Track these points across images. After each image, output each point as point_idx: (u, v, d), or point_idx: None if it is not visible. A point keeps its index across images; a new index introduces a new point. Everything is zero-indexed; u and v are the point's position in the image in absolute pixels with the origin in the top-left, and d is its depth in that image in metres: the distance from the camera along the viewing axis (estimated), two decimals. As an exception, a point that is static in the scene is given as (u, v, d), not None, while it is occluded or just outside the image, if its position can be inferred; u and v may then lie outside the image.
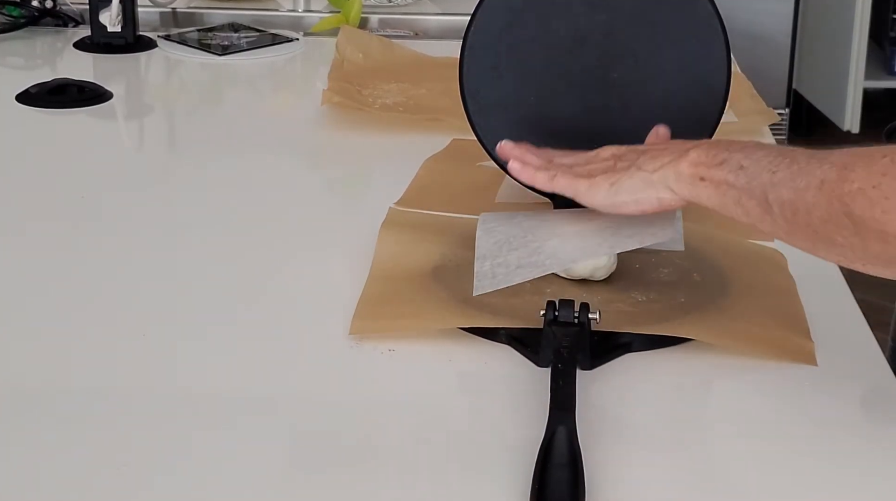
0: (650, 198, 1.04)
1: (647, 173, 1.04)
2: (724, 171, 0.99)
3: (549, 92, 1.28)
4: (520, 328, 1.07)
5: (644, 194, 1.04)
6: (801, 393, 1.03)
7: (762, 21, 3.98)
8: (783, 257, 1.22)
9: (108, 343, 1.11)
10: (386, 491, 0.90)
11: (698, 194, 1.01)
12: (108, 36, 2.00)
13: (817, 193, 0.92)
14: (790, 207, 0.94)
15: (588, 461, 0.90)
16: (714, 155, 1.01)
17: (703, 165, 1.01)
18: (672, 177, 1.02)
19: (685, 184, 1.02)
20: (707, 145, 1.02)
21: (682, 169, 1.02)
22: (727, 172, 0.99)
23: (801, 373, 1.05)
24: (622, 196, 1.05)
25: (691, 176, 1.01)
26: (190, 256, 1.28)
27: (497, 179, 1.44)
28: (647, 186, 1.04)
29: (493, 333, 1.08)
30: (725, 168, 0.99)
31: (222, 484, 0.91)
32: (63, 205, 1.42)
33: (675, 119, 1.18)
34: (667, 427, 1.00)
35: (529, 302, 1.10)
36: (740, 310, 1.12)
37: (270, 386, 1.04)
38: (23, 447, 0.95)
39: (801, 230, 0.95)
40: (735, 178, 0.98)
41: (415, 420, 0.99)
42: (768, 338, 1.08)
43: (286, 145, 1.62)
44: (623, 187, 1.05)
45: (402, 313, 1.12)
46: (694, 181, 1.01)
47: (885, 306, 1.63)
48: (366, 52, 1.92)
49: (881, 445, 0.97)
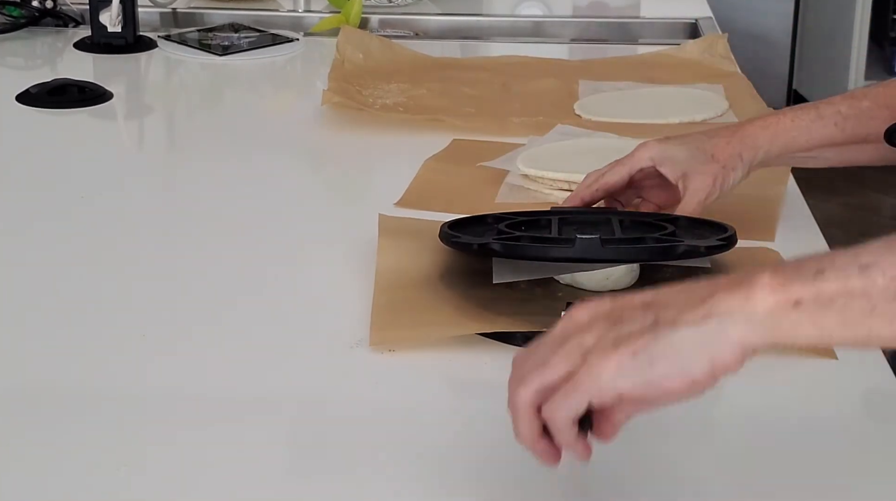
0: (701, 364, 0.74)
1: (692, 327, 0.74)
2: (832, 282, 0.72)
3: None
4: (536, 330, 1.07)
5: (694, 358, 0.74)
6: (801, 393, 1.03)
7: (762, 21, 3.98)
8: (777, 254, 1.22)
9: (108, 343, 1.11)
10: (387, 493, 0.90)
11: (794, 325, 0.73)
12: (108, 36, 2.00)
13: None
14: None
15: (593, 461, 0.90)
16: (795, 269, 0.74)
17: (793, 283, 0.73)
18: (742, 321, 0.73)
19: (770, 321, 0.73)
20: (771, 269, 0.74)
21: (758, 300, 0.73)
22: (837, 281, 0.72)
23: (802, 373, 1.05)
24: (658, 368, 0.75)
25: (778, 305, 0.73)
26: (190, 256, 1.28)
27: (497, 179, 1.44)
28: (697, 346, 0.74)
29: (510, 336, 1.08)
30: (831, 277, 0.73)
31: (222, 486, 0.91)
32: (63, 205, 1.42)
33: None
34: (666, 426, 1.00)
35: (545, 308, 1.09)
36: None
37: (270, 387, 1.04)
38: (22, 447, 0.95)
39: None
40: (860, 280, 0.72)
41: (415, 421, 0.99)
42: None
43: (286, 145, 1.62)
44: (656, 356, 0.75)
45: (420, 322, 1.11)
46: (785, 311, 0.73)
47: (886, 306, 1.63)
48: (366, 52, 1.92)
49: (881, 445, 0.97)
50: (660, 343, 0.74)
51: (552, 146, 1.50)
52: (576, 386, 0.76)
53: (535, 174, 1.41)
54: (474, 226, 1.20)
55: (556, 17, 2.33)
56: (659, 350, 0.74)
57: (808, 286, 0.72)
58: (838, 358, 1.05)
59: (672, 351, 0.74)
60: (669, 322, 0.74)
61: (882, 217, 3.85)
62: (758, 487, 0.91)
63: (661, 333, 0.74)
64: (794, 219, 1.33)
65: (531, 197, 1.39)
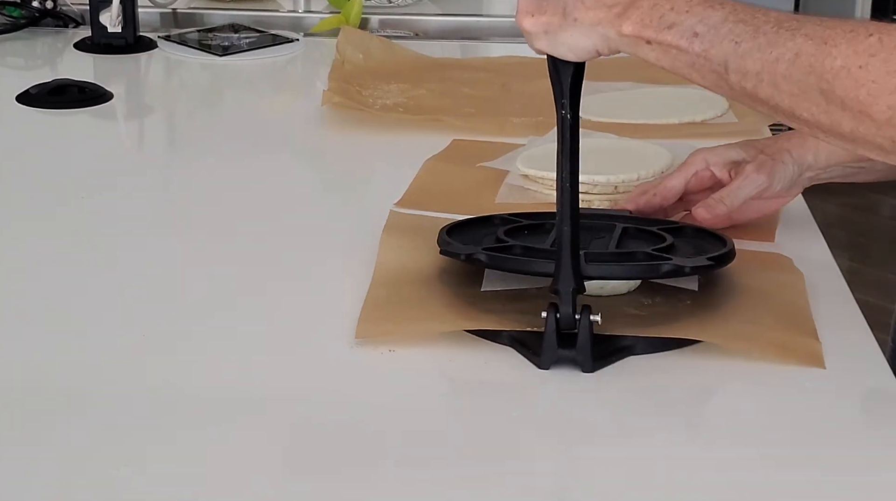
0: (588, 50, 1.03)
1: (585, 27, 1.01)
2: (675, 36, 0.97)
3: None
4: (522, 330, 1.07)
5: (581, 47, 1.02)
6: (801, 393, 1.03)
7: (762, 21, 3.97)
8: (789, 260, 1.22)
9: (108, 343, 1.11)
10: (385, 493, 0.90)
11: (644, 55, 1.00)
12: (108, 36, 2.00)
13: (790, 66, 0.92)
14: (753, 77, 0.94)
15: (588, 460, 0.90)
16: (661, 16, 0.98)
17: (650, 28, 0.99)
18: (613, 36, 1.01)
19: (627, 44, 1.00)
20: (649, 6, 0.99)
21: (624, 29, 1.00)
22: (679, 37, 0.97)
23: (802, 374, 1.05)
24: (559, 49, 1.03)
25: (635, 37, 0.99)
26: (190, 256, 1.28)
27: (497, 179, 1.44)
28: (584, 38, 1.02)
29: (496, 335, 1.08)
30: (676, 33, 0.97)
31: (221, 485, 0.91)
32: (63, 205, 1.42)
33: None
34: (667, 429, 1.00)
35: (534, 306, 1.10)
36: (746, 313, 1.11)
37: (270, 386, 1.04)
38: (21, 446, 0.95)
39: (760, 101, 0.95)
40: (689, 45, 0.97)
41: (414, 421, 0.99)
42: (775, 340, 1.07)
43: (286, 145, 1.62)
44: (559, 40, 1.03)
45: (406, 317, 1.11)
46: (638, 43, 0.99)
47: (885, 306, 1.63)
48: (366, 52, 1.92)
49: (882, 446, 0.97)
50: (561, 34, 1.02)
51: (552, 146, 1.49)
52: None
53: (535, 174, 1.41)
54: (478, 229, 1.20)
55: (556, 17, 2.32)
56: (562, 38, 1.03)
57: (659, 33, 0.98)
58: (833, 365, 1.05)
59: (568, 41, 1.03)
60: (573, 17, 1.02)
61: (882, 217, 3.85)
62: (757, 488, 0.91)
63: (565, 24, 1.02)
64: (793, 219, 1.33)
65: (531, 197, 1.39)
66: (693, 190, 1.28)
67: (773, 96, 0.94)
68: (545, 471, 0.93)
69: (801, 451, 0.96)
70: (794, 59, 0.92)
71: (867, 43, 0.89)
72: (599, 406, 1.01)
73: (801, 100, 0.92)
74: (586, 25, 1.01)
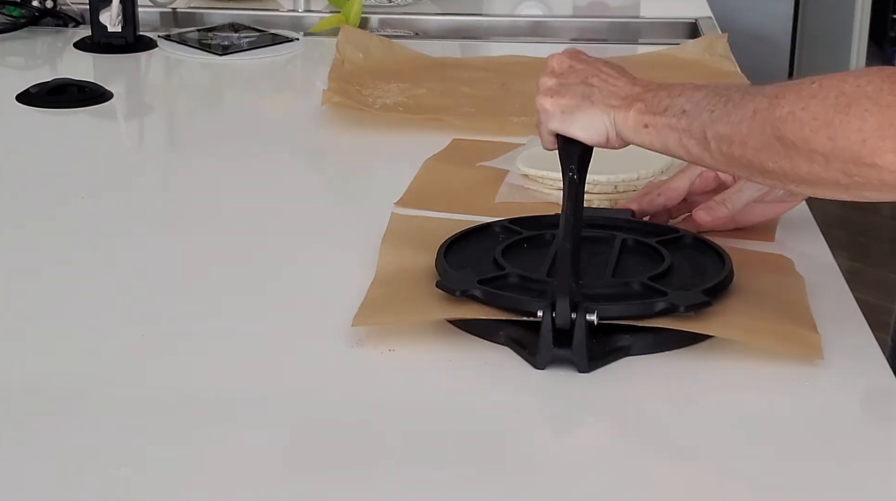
0: (599, 131, 1.13)
1: (599, 110, 1.13)
2: (668, 117, 1.08)
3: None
4: (519, 329, 1.07)
5: (594, 128, 1.13)
6: (801, 393, 1.03)
7: (762, 21, 3.98)
8: (791, 262, 1.22)
9: (108, 343, 1.11)
10: (385, 493, 0.90)
11: (642, 140, 1.11)
12: (108, 36, 2.00)
13: (751, 123, 1.01)
14: (726, 141, 1.03)
15: (588, 460, 0.90)
16: (658, 102, 1.09)
17: (649, 113, 1.10)
18: (620, 121, 1.12)
19: (630, 131, 1.11)
20: (654, 92, 1.11)
21: (630, 116, 1.11)
22: (670, 117, 1.08)
23: (802, 374, 1.05)
24: (572, 128, 1.13)
25: (636, 123, 1.10)
26: (190, 256, 1.28)
27: (497, 179, 1.44)
28: (597, 120, 1.13)
29: (493, 334, 1.08)
30: (669, 114, 1.08)
31: (222, 485, 0.91)
32: (63, 204, 1.42)
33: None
34: (666, 428, 1.00)
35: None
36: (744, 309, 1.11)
37: (270, 385, 1.04)
38: (21, 446, 0.95)
39: (736, 161, 1.04)
40: (677, 121, 1.07)
41: (414, 420, 0.99)
42: (773, 331, 1.07)
43: (286, 145, 1.62)
44: (574, 119, 1.14)
45: (403, 309, 1.12)
46: (638, 129, 1.10)
47: (885, 306, 1.63)
48: (366, 52, 1.92)
49: (881, 445, 0.97)
50: (578, 114, 1.13)
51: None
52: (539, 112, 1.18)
53: (535, 174, 1.41)
54: (477, 242, 1.20)
55: (556, 16, 2.33)
56: (578, 118, 1.13)
57: (655, 116, 1.09)
58: (832, 365, 1.05)
59: (583, 122, 1.13)
60: (589, 99, 1.13)
61: (882, 217, 3.85)
62: (757, 488, 0.91)
63: (583, 106, 1.13)
64: (793, 219, 1.33)
65: (531, 197, 1.39)
66: (697, 191, 1.28)
67: (744, 154, 1.03)
68: (544, 471, 0.92)
69: (801, 451, 0.96)
70: (752, 116, 1.02)
71: (810, 89, 0.99)
72: (598, 406, 1.01)
73: (764, 153, 1.01)
74: (601, 109, 1.12)
